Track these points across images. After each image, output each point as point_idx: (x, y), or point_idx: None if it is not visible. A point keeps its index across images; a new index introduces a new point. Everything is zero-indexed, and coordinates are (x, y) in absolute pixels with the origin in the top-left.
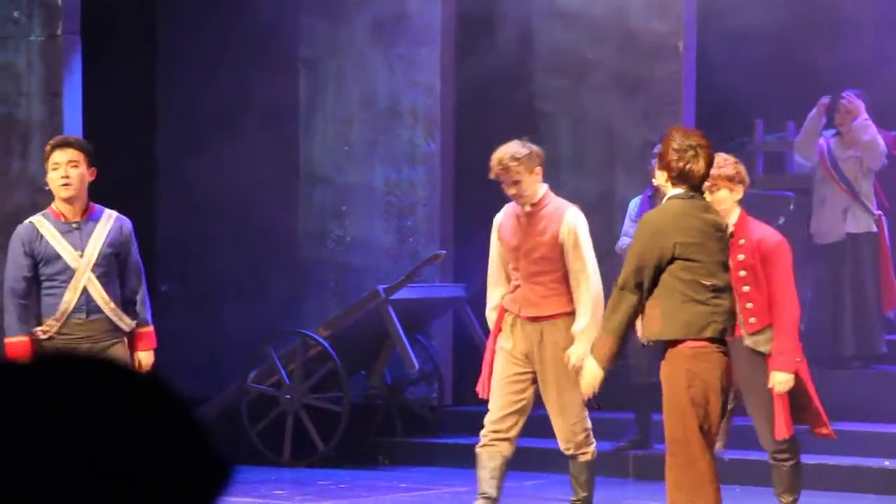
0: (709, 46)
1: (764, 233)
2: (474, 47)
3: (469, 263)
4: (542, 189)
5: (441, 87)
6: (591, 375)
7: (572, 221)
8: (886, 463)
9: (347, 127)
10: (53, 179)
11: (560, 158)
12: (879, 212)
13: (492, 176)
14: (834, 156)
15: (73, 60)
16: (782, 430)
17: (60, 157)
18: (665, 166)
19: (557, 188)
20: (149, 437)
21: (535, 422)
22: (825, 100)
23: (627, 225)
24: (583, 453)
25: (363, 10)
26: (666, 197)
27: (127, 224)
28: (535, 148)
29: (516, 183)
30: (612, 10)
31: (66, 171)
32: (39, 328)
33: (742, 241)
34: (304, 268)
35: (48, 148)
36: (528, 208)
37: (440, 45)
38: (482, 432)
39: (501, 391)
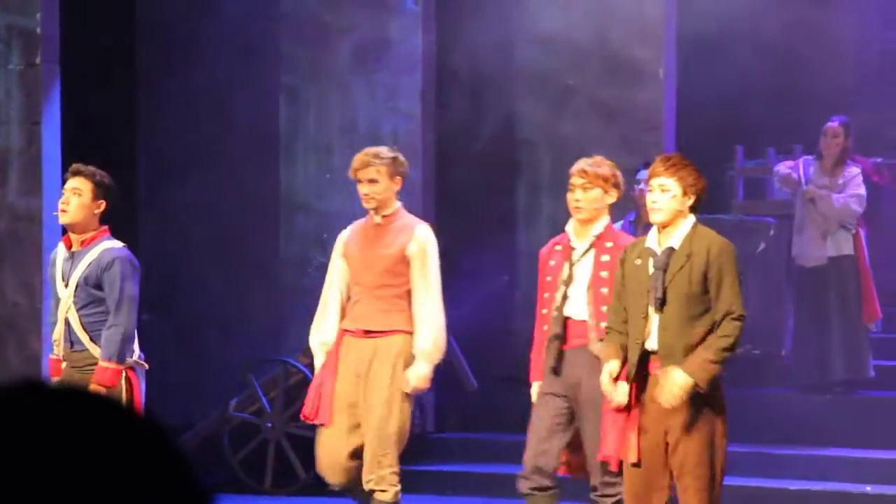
0: (689, 73)
1: (628, 240)
2: (455, 74)
3: (450, 289)
4: (397, 204)
5: (422, 115)
6: (683, 388)
7: (423, 238)
8: (868, 488)
9: (328, 154)
10: (59, 203)
11: (540, 184)
12: (856, 229)
13: (350, 173)
14: (813, 182)
15: (52, 89)
16: (612, 448)
17: (68, 183)
18: (698, 191)
19: (537, 213)
20: (130, 467)
21: (504, 447)
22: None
23: None
24: (382, 490)
25: (344, 37)
26: (692, 222)
27: (108, 256)
28: (401, 157)
29: (372, 182)
30: (593, 36)
31: (66, 197)
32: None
33: (609, 244)
34: (285, 295)
35: (66, 175)
36: (377, 219)
37: (421, 73)
38: None
39: (336, 426)
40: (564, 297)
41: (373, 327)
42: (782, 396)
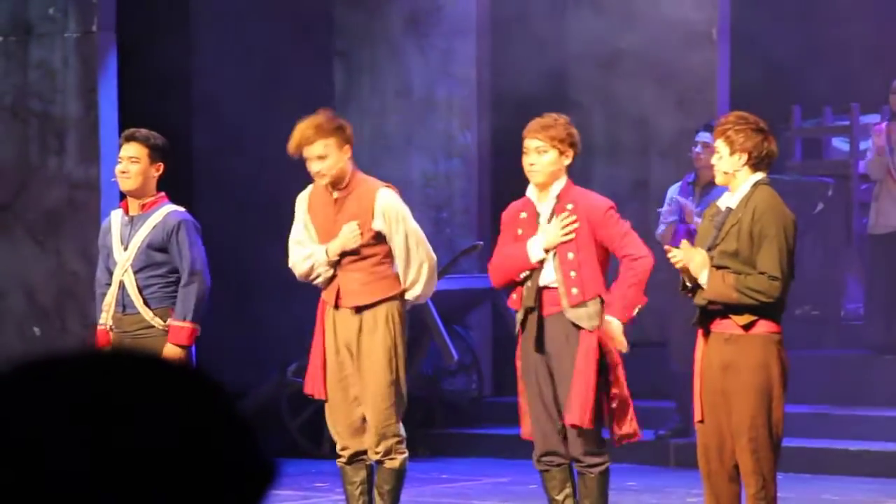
0: (743, 33)
1: (592, 199)
2: (509, 37)
3: None
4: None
5: (476, 78)
6: (702, 261)
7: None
8: None
9: (383, 119)
10: (117, 172)
11: (594, 147)
12: None
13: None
14: (892, 146)
15: (108, 57)
16: (585, 415)
17: (124, 151)
18: (749, 150)
19: (590, 175)
20: (195, 435)
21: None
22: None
23: (666, 212)
24: (391, 458)
25: (398, 2)
26: (752, 182)
27: (173, 219)
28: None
29: (322, 158)
30: None
31: (125, 165)
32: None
33: (570, 206)
34: None
35: (120, 140)
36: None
37: (475, 36)
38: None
39: (336, 397)
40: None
41: (358, 303)
42: (840, 357)
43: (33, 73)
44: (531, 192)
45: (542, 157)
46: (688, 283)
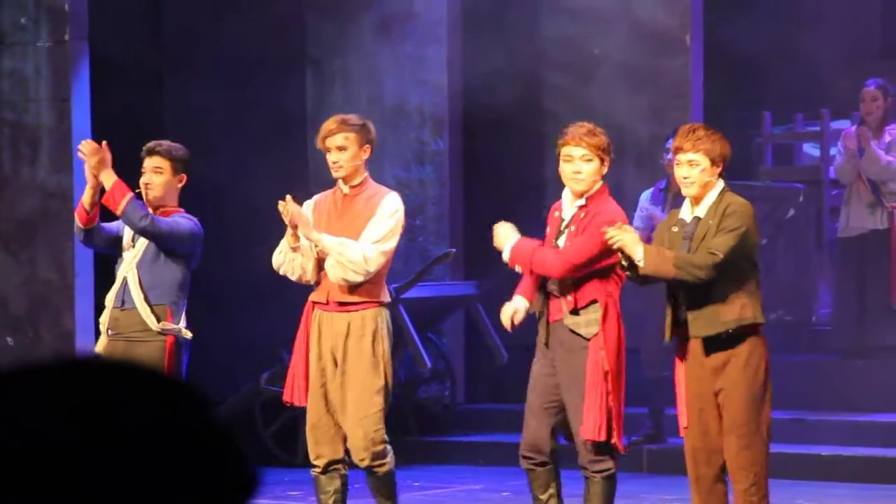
0: (716, 39)
1: (605, 209)
2: (481, 45)
3: (480, 261)
4: (365, 173)
5: (448, 86)
6: (632, 239)
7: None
8: None
9: None
10: (140, 185)
11: None
12: (894, 204)
13: (318, 142)
14: (862, 150)
15: (80, 66)
16: (599, 430)
17: (147, 163)
18: (723, 159)
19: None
20: (178, 444)
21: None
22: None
23: (637, 218)
24: (380, 464)
25: (370, 9)
26: (720, 189)
27: (183, 217)
28: (371, 124)
29: (341, 149)
30: (619, 3)
31: (149, 177)
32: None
33: (582, 215)
34: None
35: (142, 154)
36: (346, 190)
37: (447, 43)
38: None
39: (315, 405)
40: None
41: (347, 300)
42: (813, 363)
43: (5, 83)
44: (566, 195)
45: (585, 166)
46: (624, 263)
